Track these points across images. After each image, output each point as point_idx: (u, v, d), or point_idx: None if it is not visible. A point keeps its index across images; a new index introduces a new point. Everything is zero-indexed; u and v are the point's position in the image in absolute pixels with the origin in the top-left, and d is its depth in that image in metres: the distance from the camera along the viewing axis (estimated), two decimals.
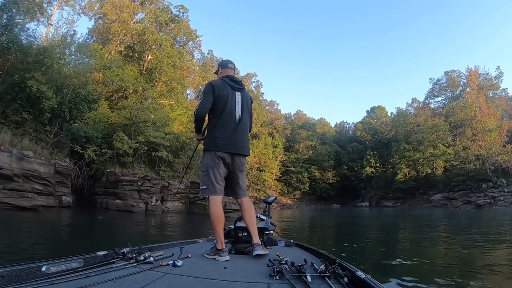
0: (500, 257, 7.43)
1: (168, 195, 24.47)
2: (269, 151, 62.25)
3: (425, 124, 57.38)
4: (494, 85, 57.39)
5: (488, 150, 48.54)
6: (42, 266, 2.27)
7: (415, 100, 71.13)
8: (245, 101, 3.52)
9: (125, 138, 23.58)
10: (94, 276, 2.20)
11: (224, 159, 3.32)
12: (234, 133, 3.35)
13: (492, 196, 41.14)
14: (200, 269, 2.59)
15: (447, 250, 8.98)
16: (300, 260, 2.34)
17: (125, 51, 34.20)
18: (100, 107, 25.95)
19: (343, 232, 15.99)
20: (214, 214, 3.22)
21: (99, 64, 26.73)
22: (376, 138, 73.64)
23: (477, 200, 40.90)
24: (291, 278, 2.15)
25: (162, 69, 30.54)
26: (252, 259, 3.02)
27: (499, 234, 12.56)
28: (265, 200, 4.74)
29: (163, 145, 25.23)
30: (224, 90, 3.38)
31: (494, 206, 38.17)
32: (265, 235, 3.84)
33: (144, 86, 30.63)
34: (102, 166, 24.19)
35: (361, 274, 2.14)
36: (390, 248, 9.42)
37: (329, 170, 72.86)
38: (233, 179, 3.45)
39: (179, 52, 33.00)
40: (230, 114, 3.36)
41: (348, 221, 23.60)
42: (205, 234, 7.04)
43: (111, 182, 23.31)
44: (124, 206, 21.79)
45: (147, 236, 11.18)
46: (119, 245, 2.99)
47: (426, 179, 55.18)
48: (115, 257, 2.82)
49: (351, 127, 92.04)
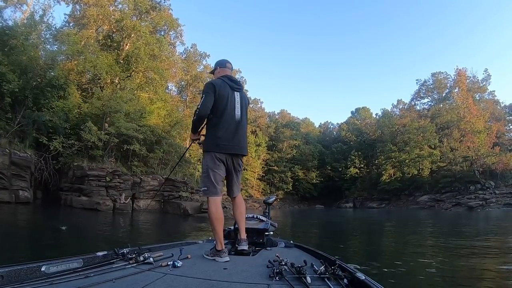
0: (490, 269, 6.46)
1: (140, 192, 22.57)
2: (251, 150, 60.81)
3: (411, 125, 57.27)
4: (481, 87, 57.50)
5: (476, 151, 48.52)
6: (41, 266, 2.25)
7: (400, 101, 70.90)
8: (243, 102, 3.52)
9: (94, 129, 21.61)
10: (93, 276, 2.20)
11: (224, 160, 3.34)
12: (236, 134, 3.35)
13: (484, 198, 41.02)
14: (199, 269, 2.59)
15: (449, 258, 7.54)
16: (300, 261, 2.36)
17: (103, 40, 32.21)
18: (70, 96, 24.28)
19: (328, 235, 14.48)
20: (213, 215, 3.23)
21: (72, 49, 24.79)
22: (360, 139, 73.44)
23: (468, 202, 40.71)
24: (291, 279, 2.14)
25: (138, 56, 28.37)
26: (252, 260, 3.06)
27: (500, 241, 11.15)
28: (266, 201, 4.75)
29: (137, 138, 23.38)
30: (224, 90, 3.36)
31: (487, 208, 38.04)
32: (265, 236, 3.92)
33: (120, 75, 28.62)
34: (70, 159, 22.44)
35: (361, 275, 2.12)
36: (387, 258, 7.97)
37: (312, 170, 72.36)
38: (231, 178, 3.50)
39: (158, 40, 30.87)
40: (231, 114, 3.34)
41: (333, 222, 22.09)
42: (180, 237, 6.95)
43: (77, 177, 21.48)
44: (89, 203, 19.72)
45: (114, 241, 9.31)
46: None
47: (412, 180, 55.08)
48: (114, 258, 2.80)
49: (336, 128, 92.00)
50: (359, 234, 14.96)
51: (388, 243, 11.25)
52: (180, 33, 37.96)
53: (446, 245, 9.60)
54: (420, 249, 8.90)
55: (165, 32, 36.73)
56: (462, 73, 56.33)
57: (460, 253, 8.07)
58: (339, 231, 16.18)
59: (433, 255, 7.77)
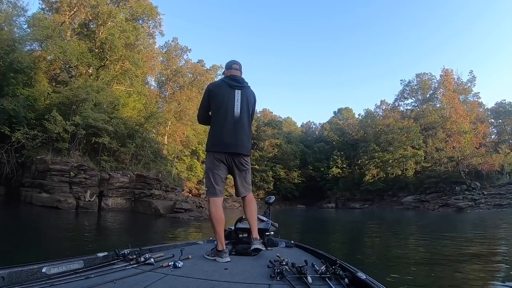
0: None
1: (108, 189, 20.77)
2: None
3: (395, 125, 56.90)
4: (466, 89, 57.48)
5: (462, 152, 48.41)
6: (42, 267, 2.23)
7: (383, 102, 70.44)
8: (245, 99, 3.41)
9: (59, 119, 19.81)
10: (94, 277, 2.18)
11: (223, 160, 3.28)
12: (233, 132, 3.27)
13: (473, 198, 40.67)
14: (200, 270, 2.56)
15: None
16: (301, 261, 2.32)
17: (79, 29, 30.60)
18: (38, 84, 23.01)
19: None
20: (214, 216, 3.19)
21: (41, 33, 23.08)
22: (343, 139, 72.92)
23: (457, 203, 40.19)
24: (292, 279, 2.12)
25: (113, 44, 26.48)
26: (253, 260, 3.00)
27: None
28: (266, 201, 4.67)
29: (106, 130, 21.63)
30: (220, 89, 3.38)
31: (477, 209, 37.59)
32: (266, 236, 3.84)
33: (94, 64, 26.78)
34: (34, 152, 20.75)
35: (362, 275, 2.11)
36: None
37: (294, 169, 71.40)
38: (235, 178, 3.39)
39: (134, 28, 29.04)
40: (228, 112, 3.29)
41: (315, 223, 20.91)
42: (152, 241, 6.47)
43: (39, 172, 19.76)
44: (50, 201, 17.80)
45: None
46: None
47: (395, 180, 54.64)
48: (115, 258, 2.76)
49: (318, 127, 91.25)
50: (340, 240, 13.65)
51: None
52: (159, 23, 35.84)
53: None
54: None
55: (143, 21, 34.87)
56: (448, 72, 56.19)
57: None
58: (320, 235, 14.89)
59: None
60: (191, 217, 18.33)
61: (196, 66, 54.19)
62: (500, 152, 48.66)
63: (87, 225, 13.50)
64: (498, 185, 43.26)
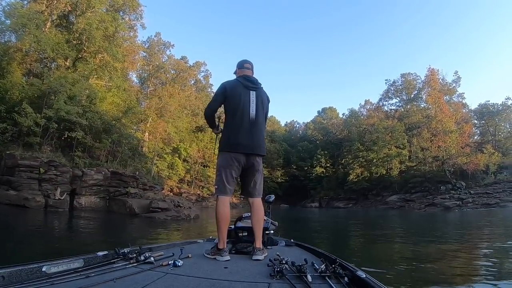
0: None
1: (82, 187, 19.69)
2: (214, 146, 58.08)
3: (380, 124, 57.00)
4: (451, 90, 58.01)
5: (447, 151, 48.78)
6: (42, 266, 2.23)
7: (368, 101, 70.55)
8: (260, 100, 3.44)
9: (30, 111, 18.72)
10: (94, 276, 2.18)
11: (239, 160, 3.28)
12: (249, 133, 3.30)
13: (460, 198, 40.79)
14: (200, 269, 2.57)
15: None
16: (301, 260, 2.33)
17: (58, 20, 29.25)
18: (9, 75, 21.80)
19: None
20: (221, 214, 3.21)
21: (16, 22, 22.34)
22: (327, 138, 73.03)
23: (444, 202, 40.23)
24: (292, 278, 2.13)
25: (90, 34, 25.32)
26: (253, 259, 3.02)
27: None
28: (266, 200, 4.46)
29: (80, 124, 20.51)
30: (236, 89, 3.36)
31: (464, 208, 37.58)
32: (266, 235, 3.79)
33: (69, 55, 25.62)
34: (4, 147, 19.62)
35: (361, 274, 2.11)
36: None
37: (277, 168, 71.15)
38: (248, 179, 3.40)
39: (114, 18, 27.86)
40: (244, 114, 3.31)
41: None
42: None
43: (8, 168, 18.52)
44: (17, 199, 16.60)
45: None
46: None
47: (380, 180, 54.74)
48: (115, 257, 2.76)
49: (302, 127, 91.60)
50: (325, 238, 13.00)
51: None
52: (140, 14, 34.60)
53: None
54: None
55: (124, 13, 33.63)
56: (434, 71, 56.58)
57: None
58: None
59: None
60: (168, 217, 17.27)
61: (179, 62, 53.26)
62: (485, 152, 49.33)
63: (52, 227, 12.47)
64: (484, 184, 43.77)
